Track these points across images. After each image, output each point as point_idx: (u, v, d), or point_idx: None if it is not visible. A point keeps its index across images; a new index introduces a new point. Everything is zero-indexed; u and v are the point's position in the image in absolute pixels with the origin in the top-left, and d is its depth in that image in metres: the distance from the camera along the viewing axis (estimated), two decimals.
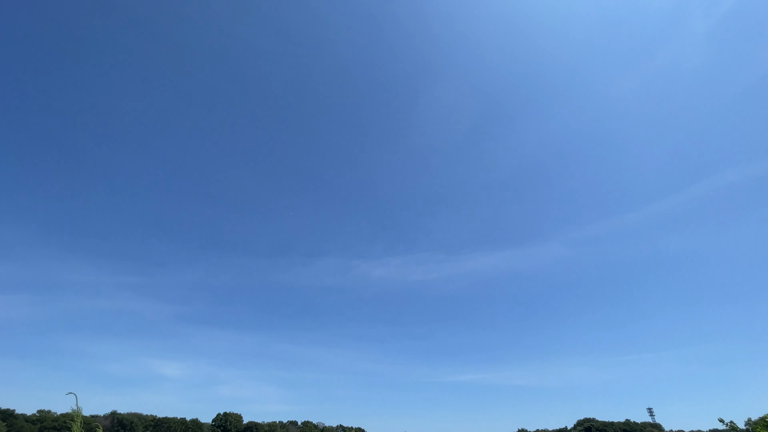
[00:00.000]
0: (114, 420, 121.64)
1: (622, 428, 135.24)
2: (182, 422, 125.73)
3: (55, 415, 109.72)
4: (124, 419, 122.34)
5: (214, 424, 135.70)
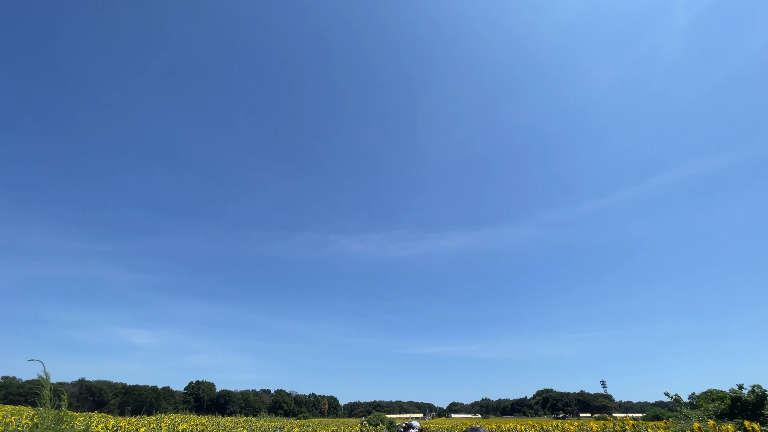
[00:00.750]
0: (82, 387, 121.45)
1: (576, 399, 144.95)
2: (153, 390, 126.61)
3: (21, 381, 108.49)
4: (93, 386, 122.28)
5: (186, 392, 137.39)
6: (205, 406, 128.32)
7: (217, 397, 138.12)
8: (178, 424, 19.66)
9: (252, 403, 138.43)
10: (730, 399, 12.04)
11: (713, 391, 13.39)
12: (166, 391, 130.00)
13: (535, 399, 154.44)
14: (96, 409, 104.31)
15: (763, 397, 11.31)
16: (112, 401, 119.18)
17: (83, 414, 33.86)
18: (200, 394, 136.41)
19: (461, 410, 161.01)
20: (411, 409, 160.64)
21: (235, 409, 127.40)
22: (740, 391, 11.99)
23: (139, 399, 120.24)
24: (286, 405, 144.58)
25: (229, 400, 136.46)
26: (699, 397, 14.44)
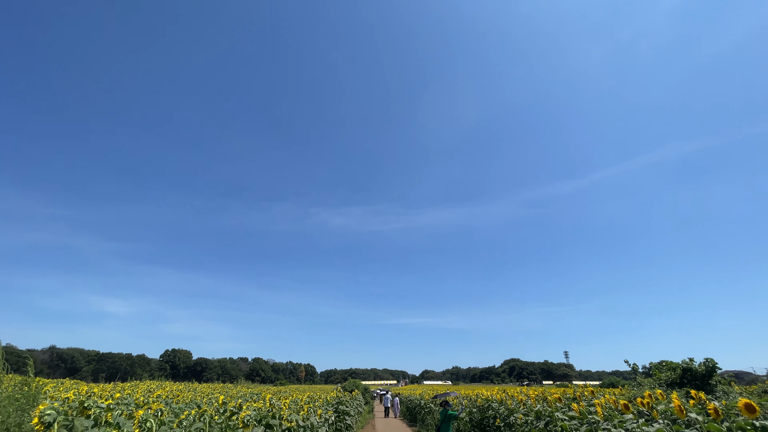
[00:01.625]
0: (53, 354, 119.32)
1: (540, 368, 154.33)
2: (128, 357, 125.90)
3: None
4: (64, 354, 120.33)
5: (162, 359, 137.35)
6: (182, 374, 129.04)
7: (193, 364, 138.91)
8: (154, 390, 19.72)
9: (229, 370, 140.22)
10: (681, 369, 13.05)
11: (667, 362, 14.46)
12: (141, 358, 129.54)
13: (503, 368, 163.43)
14: (68, 377, 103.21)
15: (713, 369, 12.32)
16: (85, 368, 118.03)
17: (54, 380, 33.39)
18: (176, 361, 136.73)
19: (433, 377, 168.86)
20: (386, 376, 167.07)
21: (213, 377, 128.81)
22: (691, 362, 13.00)
23: (113, 366, 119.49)
24: (264, 372, 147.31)
25: (206, 367, 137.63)
26: (654, 367, 15.47)
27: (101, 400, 10.42)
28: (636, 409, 6.54)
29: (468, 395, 17.48)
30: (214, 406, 10.03)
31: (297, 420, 8.03)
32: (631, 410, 5.84)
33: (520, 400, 10.90)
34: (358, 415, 22.58)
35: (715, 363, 12.30)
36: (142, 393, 16.24)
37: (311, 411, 10.33)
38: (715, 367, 12.30)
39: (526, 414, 9.28)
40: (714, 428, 4.22)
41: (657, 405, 5.54)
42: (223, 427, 6.89)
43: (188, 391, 22.13)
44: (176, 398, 14.18)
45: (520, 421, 9.38)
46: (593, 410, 7.39)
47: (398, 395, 33.46)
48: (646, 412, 5.77)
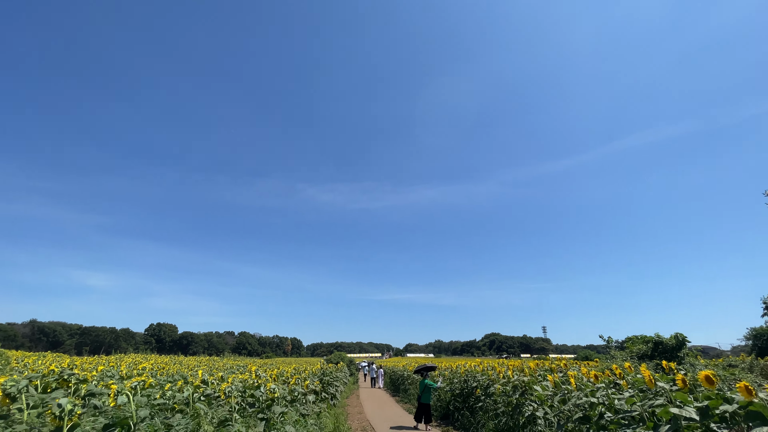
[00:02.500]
0: (34, 328, 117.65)
1: (519, 341, 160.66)
2: (112, 331, 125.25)
3: None
4: (46, 327, 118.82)
5: (147, 333, 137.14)
6: (168, 347, 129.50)
7: (179, 338, 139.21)
8: (139, 362, 19.74)
9: (215, 344, 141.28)
10: (653, 343, 13.74)
11: (640, 336, 15.21)
12: (125, 332, 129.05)
13: (483, 341, 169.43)
14: (51, 350, 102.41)
15: (683, 342, 13.01)
16: (68, 342, 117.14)
17: (36, 354, 33.06)
18: (162, 335, 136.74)
19: (416, 350, 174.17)
20: (370, 349, 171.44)
21: (199, 350, 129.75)
22: (662, 336, 13.70)
23: (96, 340, 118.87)
24: (250, 346, 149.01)
25: (192, 341, 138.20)
26: (627, 341, 16.25)
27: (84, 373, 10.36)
28: (607, 379, 6.85)
29: (450, 367, 18.09)
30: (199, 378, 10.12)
31: (281, 390, 8.16)
32: (602, 381, 6.12)
33: (500, 372, 11.33)
34: (344, 386, 23.21)
35: (685, 337, 12.99)
36: (127, 366, 16.25)
37: (298, 382, 10.53)
38: (684, 340, 13.00)
39: (505, 384, 9.66)
40: (681, 397, 4.46)
41: (627, 375, 5.80)
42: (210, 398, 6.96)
43: (174, 364, 22.27)
44: (161, 370, 14.24)
45: (499, 391, 9.78)
46: (567, 380, 7.74)
47: (381, 367, 34.60)
48: (617, 382, 6.05)
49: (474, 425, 10.62)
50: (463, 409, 12.10)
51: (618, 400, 5.78)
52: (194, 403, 6.50)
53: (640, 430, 4.80)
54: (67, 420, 3.60)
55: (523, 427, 7.88)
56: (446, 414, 13.50)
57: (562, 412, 7.04)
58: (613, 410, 5.81)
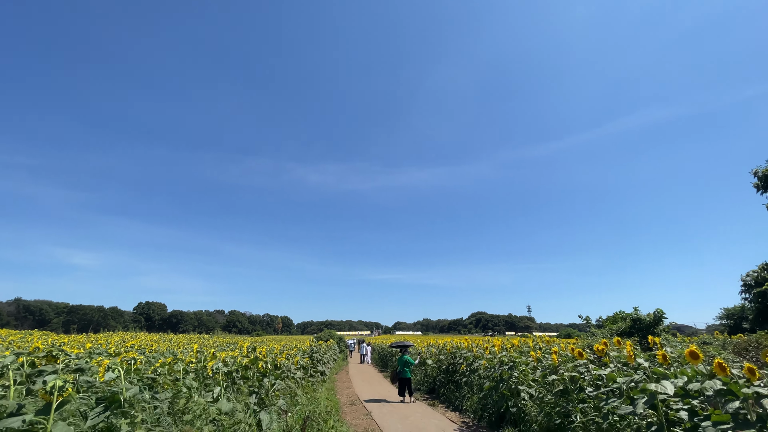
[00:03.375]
0: (19, 306, 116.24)
1: (504, 320, 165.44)
2: (99, 309, 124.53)
3: None
4: (32, 306, 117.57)
5: (135, 311, 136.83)
6: (157, 326, 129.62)
7: (169, 316, 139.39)
8: (128, 340, 19.74)
9: (206, 322, 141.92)
10: (631, 320, 14.27)
11: (618, 313, 15.79)
12: (113, 311, 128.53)
13: (470, 320, 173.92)
14: (37, 328, 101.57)
15: (660, 318, 13.53)
16: (55, 320, 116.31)
17: (22, 332, 32.75)
18: (151, 314, 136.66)
19: (405, 328, 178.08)
20: (360, 327, 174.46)
21: (189, 328, 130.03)
22: (640, 313, 14.23)
23: (84, 318, 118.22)
24: (241, 324, 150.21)
25: (182, 319, 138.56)
26: (607, 319, 16.87)
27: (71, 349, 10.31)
28: (590, 355, 7.11)
29: (437, 344, 18.56)
30: (190, 355, 10.18)
31: (271, 367, 8.27)
32: (585, 357, 6.34)
33: (485, 348, 11.66)
34: (333, 362, 23.68)
35: (663, 312, 13.51)
36: (116, 343, 16.23)
37: (288, 358, 10.69)
38: (662, 316, 13.52)
39: (490, 360, 9.97)
40: (659, 372, 4.65)
41: (610, 351, 6.02)
42: (199, 374, 7.02)
43: (164, 342, 22.33)
44: (151, 348, 14.27)
45: (484, 366, 10.09)
46: (549, 357, 8.01)
47: (369, 344, 35.82)
48: (599, 357, 6.28)
49: (459, 399, 11.00)
50: (449, 384, 12.50)
51: (599, 374, 6.01)
52: (184, 378, 6.55)
53: (619, 403, 5.03)
54: (57, 395, 3.59)
55: (506, 400, 8.19)
56: (432, 389, 13.94)
57: (544, 387, 7.32)
58: (594, 385, 6.06)
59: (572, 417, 6.06)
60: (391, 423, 9.10)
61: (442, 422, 9.21)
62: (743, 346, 12.91)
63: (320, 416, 7.87)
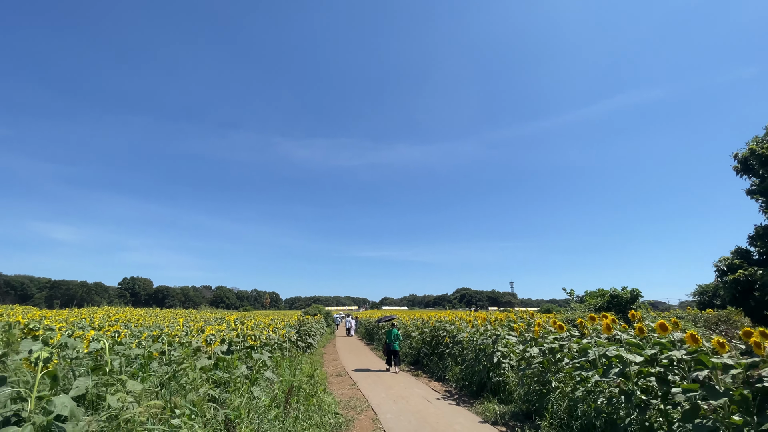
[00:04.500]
0: (0, 281, 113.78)
1: (488, 296, 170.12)
2: (83, 285, 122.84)
3: None
4: (13, 280, 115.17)
5: (120, 287, 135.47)
6: (143, 301, 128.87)
7: (154, 292, 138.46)
8: (113, 315, 19.59)
9: (192, 297, 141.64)
10: (610, 296, 14.81)
11: (598, 290, 16.33)
12: (97, 286, 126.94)
13: (455, 295, 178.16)
14: (19, 303, 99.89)
15: (636, 296, 14.08)
16: (38, 295, 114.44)
17: (3, 306, 32.18)
18: (136, 289, 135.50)
19: (391, 303, 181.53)
20: (347, 302, 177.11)
21: (175, 304, 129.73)
22: (618, 290, 14.76)
23: (67, 294, 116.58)
24: (228, 299, 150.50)
25: (168, 295, 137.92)
26: (588, 294, 17.43)
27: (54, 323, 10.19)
28: (569, 328, 7.36)
29: (422, 318, 18.99)
30: (176, 329, 10.18)
31: (259, 340, 8.33)
32: (566, 329, 6.57)
33: (469, 321, 11.97)
34: (320, 336, 24.09)
35: (639, 291, 14.08)
36: (100, 318, 16.10)
37: (275, 331, 10.80)
38: (639, 295, 14.10)
39: (473, 333, 10.26)
40: (633, 343, 4.85)
41: (589, 325, 6.24)
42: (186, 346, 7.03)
43: (150, 316, 22.27)
44: (136, 322, 14.21)
45: (467, 338, 10.39)
46: (531, 329, 8.28)
47: (355, 318, 37.27)
48: (580, 330, 6.51)
49: (442, 370, 11.37)
50: (432, 356, 12.89)
51: (578, 346, 6.23)
52: (170, 352, 6.57)
53: (593, 372, 5.26)
54: (42, 367, 3.54)
55: (487, 370, 8.50)
56: (417, 360, 14.37)
57: (525, 358, 7.60)
58: (571, 356, 6.30)
59: (550, 386, 6.34)
60: (376, 392, 9.38)
61: (425, 391, 9.54)
62: (714, 320, 13.58)
63: (307, 386, 8.04)
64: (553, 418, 5.74)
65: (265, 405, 5.79)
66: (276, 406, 6.03)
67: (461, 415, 7.20)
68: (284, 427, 5.47)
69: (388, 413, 7.38)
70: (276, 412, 5.75)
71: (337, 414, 7.04)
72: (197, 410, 4.63)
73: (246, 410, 5.36)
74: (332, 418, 6.67)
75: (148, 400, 4.55)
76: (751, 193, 18.41)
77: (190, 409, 4.55)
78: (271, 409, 5.78)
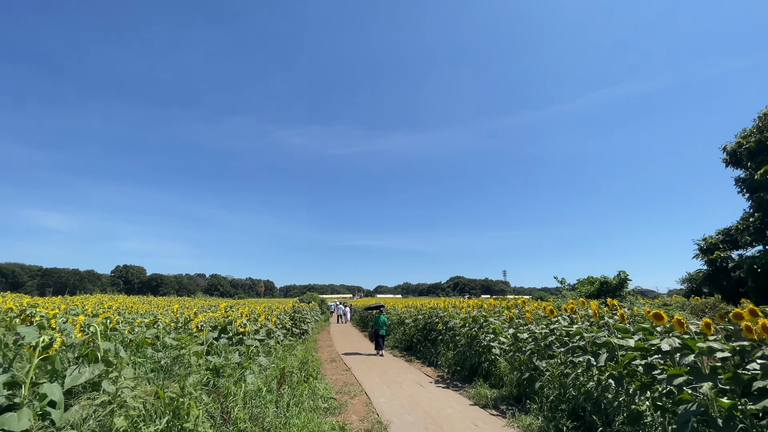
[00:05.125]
0: None
1: (481, 284, 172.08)
2: (75, 272, 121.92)
3: None
4: (3, 268, 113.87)
5: (113, 275, 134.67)
6: (137, 289, 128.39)
7: (148, 280, 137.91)
8: (106, 302, 19.50)
9: (186, 285, 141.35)
10: (599, 283, 15.04)
11: (588, 278, 16.59)
12: (90, 273, 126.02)
13: (448, 283, 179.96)
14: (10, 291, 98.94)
15: (624, 280, 14.31)
16: (29, 283, 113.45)
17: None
18: (129, 277, 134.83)
19: (386, 291, 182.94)
20: (342, 290, 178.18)
21: (169, 291, 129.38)
22: (607, 277, 14.99)
23: (59, 281, 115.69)
24: (222, 287, 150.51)
25: (162, 283, 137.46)
26: (578, 282, 17.70)
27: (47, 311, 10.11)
28: (561, 314, 7.47)
29: (415, 305, 19.16)
30: (169, 315, 10.17)
31: (252, 326, 8.34)
32: (556, 314, 6.66)
33: (461, 308, 12.09)
34: (315, 323, 24.26)
35: (627, 274, 14.30)
36: (93, 305, 16.01)
37: (268, 318, 10.83)
38: (626, 279, 14.32)
39: (465, 319, 10.38)
40: (620, 328, 4.93)
41: (579, 310, 6.32)
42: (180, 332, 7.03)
43: (143, 304, 22.21)
44: (129, 309, 14.17)
45: (459, 325, 10.51)
46: (522, 316, 8.39)
47: (348, 306, 37.87)
48: (570, 316, 6.60)
49: (434, 355, 11.53)
50: (425, 342, 13.06)
51: (568, 331, 6.33)
52: (164, 338, 6.56)
53: (583, 357, 5.35)
54: (40, 351, 3.52)
55: (479, 355, 8.62)
56: (410, 346, 14.55)
57: (515, 343, 7.71)
58: (562, 341, 6.40)
59: (540, 370, 6.45)
60: (370, 377, 9.50)
61: (418, 376, 9.68)
62: (700, 307, 13.87)
63: (301, 371, 8.11)
64: (543, 402, 5.86)
65: (259, 390, 5.83)
66: (269, 391, 6.08)
67: (453, 399, 7.33)
68: (278, 411, 5.53)
69: (382, 397, 7.49)
70: (270, 396, 5.80)
71: (331, 398, 7.13)
72: (195, 395, 4.65)
73: (240, 395, 5.40)
74: (326, 403, 6.75)
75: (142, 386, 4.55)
76: (739, 182, 18.57)
77: (187, 393, 4.56)
78: (264, 393, 5.83)
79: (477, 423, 5.86)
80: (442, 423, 5.88)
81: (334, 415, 6.35)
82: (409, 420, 6.07)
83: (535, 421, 5.49)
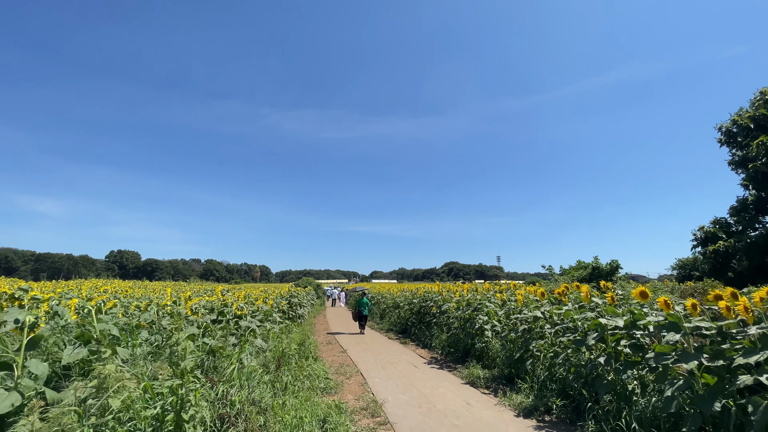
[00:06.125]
0: None
1: (475, 269, 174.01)
2: (69, 257, 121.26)
3: None
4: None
5: (108, 260, 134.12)
6: (131, 274, 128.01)
7: (143, 265, 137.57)
8: (101, 286, 19.49)
9: (181, 271, 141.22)
10: (591, 268, 15.27)
11: (580, 262, 16.81)
12: (84, 258, 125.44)
13: (443, 269, 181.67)
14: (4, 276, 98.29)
15: (616, 268, 14.54)
16: (23, 268, 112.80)
17: None
18: (124, 262, 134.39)
19: (381, 277, 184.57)
20: (338, 276, 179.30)
21: (164, 276, 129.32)
22: (599, 262, 15.22)
23: (53, 266, 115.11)
24: (218, 273, 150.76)
25: (157, 268, 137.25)
26: (570, 268, 17.94)
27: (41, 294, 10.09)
28: (552, 297, 7.59)
29: (410, 289, 19.38)
30: (165, 299, 10.19)
31: (248, 309, 8.39)
32: (547, 297, 6.77)
33: (455, 291, 12.25)
34: (311, 307, 24.49)
35: (618, 263, 14.56)
36: (88, 289, 16.01)
37: (264, 301, 10.90)
38: (618, 266, 14.57)
39: (459, 302, 10.52)
40: (610, 310, 5.03)
41: (570, 294, 6.43)
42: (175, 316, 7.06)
43: (138, 288, 22.24)
44: (125, 293, 14.18)
45: (453, 308, 10.67)
46: (514, 299, 8.52)
47: (343, 290, 38.26)
48: (561, 300, 6.72)
49: (429, 338, 11.74)
50: (420, 325, 13.27)
51: (557, 313, 6.45)
52: (160, 321, 6.60)
53: (573, 337, 5.47)
54: (28, 331, 3.52)
55: (472, 337, 8.79)
56: (405, 329, 14.78)
57: (507, 325, 7.86)
58: (552, 322, 6.53)
59: (531, 351, 6.60)
60: (365, 358, 9.67)
61: (413, 357, 9.87)
62: (690, 292, 14.18)
63: (297, 353, 8.23)
64: (533, 381, 6.01)
65: (256, 371, 5.92)
66: (267, 372, 6.17)
67: (446, 379, 7.50)
68: (275, 392, 5.63)
69: (377, 378, 7.64)
70: (267, 378, 5.90)
71: (328, 379, 7.26)
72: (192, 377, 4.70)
73: (237, 376, 5.47)
74: (322, 383, 6.88)
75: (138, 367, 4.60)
76: (733, 164, 18.74)
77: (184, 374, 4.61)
78: (262, 375, 5.91)
79: (469, 401, 6.01)
80: (436, 401, 6.03)
81: (330, 395, 6.48)
82: (403, 399, 6.21)
83: (525, 400, 5.64)
